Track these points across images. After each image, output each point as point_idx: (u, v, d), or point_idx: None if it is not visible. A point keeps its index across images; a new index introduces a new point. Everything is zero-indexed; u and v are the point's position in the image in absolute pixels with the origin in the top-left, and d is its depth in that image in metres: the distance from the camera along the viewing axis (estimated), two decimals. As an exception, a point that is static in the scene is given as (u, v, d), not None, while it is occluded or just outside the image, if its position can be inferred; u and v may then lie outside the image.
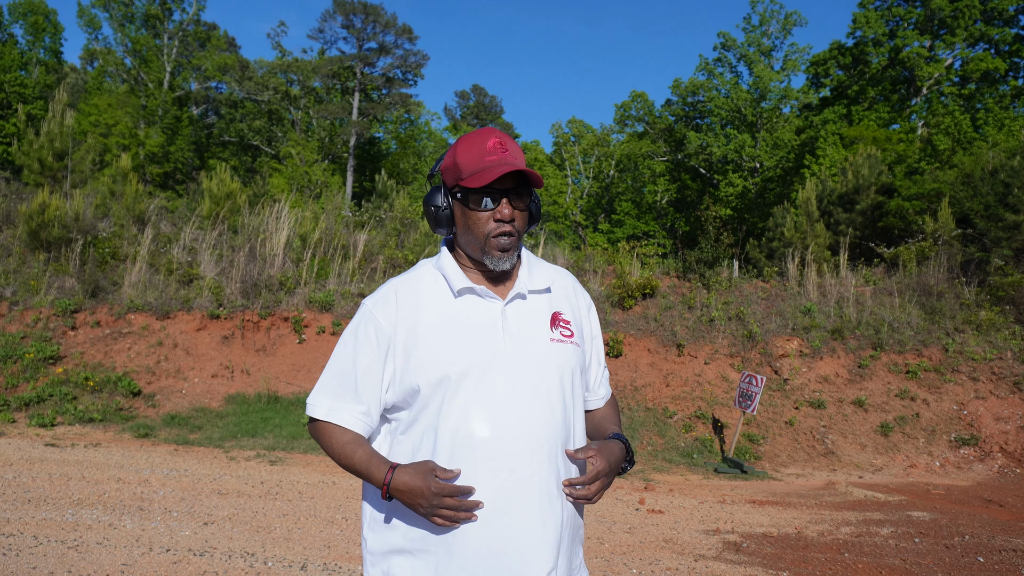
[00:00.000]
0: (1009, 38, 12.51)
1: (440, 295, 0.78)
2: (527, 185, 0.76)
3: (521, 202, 0.77)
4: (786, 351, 5.23)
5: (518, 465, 0.74)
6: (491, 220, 0.76)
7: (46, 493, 2.75)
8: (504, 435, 0.73)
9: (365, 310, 0.79)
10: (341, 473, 3.50)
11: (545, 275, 0.82)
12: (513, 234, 0.76)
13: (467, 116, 22.27)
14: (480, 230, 0.76)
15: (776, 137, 13.05)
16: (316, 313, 5.24)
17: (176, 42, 14.94)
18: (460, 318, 0.76)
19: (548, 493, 0.74)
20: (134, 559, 2.08)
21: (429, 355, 0.75)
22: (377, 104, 16.25)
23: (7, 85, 10.01)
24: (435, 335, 0.75)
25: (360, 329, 0.78)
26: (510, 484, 0.73)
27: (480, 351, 0.75)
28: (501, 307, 0.77)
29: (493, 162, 0.75)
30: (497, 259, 0.76)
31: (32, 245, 5.41)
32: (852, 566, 2.39)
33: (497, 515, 0.73)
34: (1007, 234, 5.85)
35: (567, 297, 0.82)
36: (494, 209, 0.75)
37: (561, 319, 0.80)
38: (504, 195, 0.75)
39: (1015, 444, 4.49)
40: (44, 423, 4.05)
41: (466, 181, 0.74)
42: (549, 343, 0.77)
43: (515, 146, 0.78)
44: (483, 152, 0.75)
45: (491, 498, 0.73)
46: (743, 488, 3.78)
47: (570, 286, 0.84)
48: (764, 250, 7.38)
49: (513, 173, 0.74)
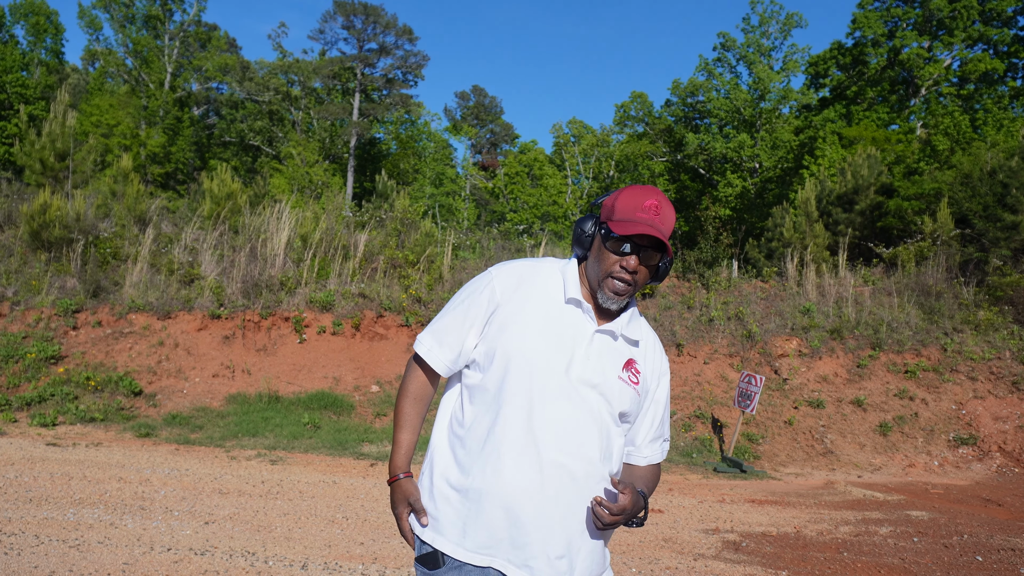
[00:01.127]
0: (1007, 39, 12.53)
1: (552, 293, 0.88)
2: (662, 249, 0.86)
3: (650, 261, 0.87)
4: (785, 351, 5.25)
5: (553, 459, 0.82)
6: (618, 263, 0.86)
7: (47, 492, 2.76)
8: (547, 428, 0.83)
9: (488, 276, 0.90)
10: (342, 472, 3.52)
11: (640, 331, 0.92)
12: (631, 284, 0.86)
13: (467, 117, 22.26)
14: (606, 267, 0.87)
15: (775, 137, 13.06)
16: (317, 313, 5.26)
17: (177, 43, 14.97)
18: (557, 320, 0.87)
19: (571, 494, 0.83)
20: (135, 558, 2.08)
21: (519, 336, 0.85)
22: (377, 105, 16.31)
23: (9, 86, 10.06)
24: (531, 322, 0.86)
25: (478, 289, 0.90)
26: (540, 474, 0.82)
27: (558, 353, 0.85)
28: (593, 331, 0.87)
29: (642, 219, 0.85)
30: (607, 298, 0.86)
31: (34, 245, 5.42)
32: (851, 565, 2.40)
33: (525, 495, 0.82)
34: (1005, 234, 5.87)
35: (648, 355, 0.92)
36: (625, 256, 0.86)
37: (634, 367, 0.89)
38: (639, 250, 0.86)
39: (1013, 443, 4.51)
40: (46, 423, 4.07)
41: (614, 224, 0.85)
42: (616, 379, 0.87)
43: (670, 213, 0.87)
44: (639, 207, 0.86)
45: (520, 480, 0.82)
46: (742, 487, 3.79)
47: (653, 348, 0.94)
48: (763, 250, 7.40)
49: (657, 239, 0.85)
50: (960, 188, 6.54)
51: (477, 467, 0.84)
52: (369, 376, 4.94)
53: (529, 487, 0.82)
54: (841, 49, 13.43)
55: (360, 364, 5.02)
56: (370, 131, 16.18)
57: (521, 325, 0.86)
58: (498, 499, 0.82)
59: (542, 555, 0.82)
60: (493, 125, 22.49)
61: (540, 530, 0.82)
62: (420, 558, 0.86)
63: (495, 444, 0.83)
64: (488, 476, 0.83)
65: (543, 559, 0.82)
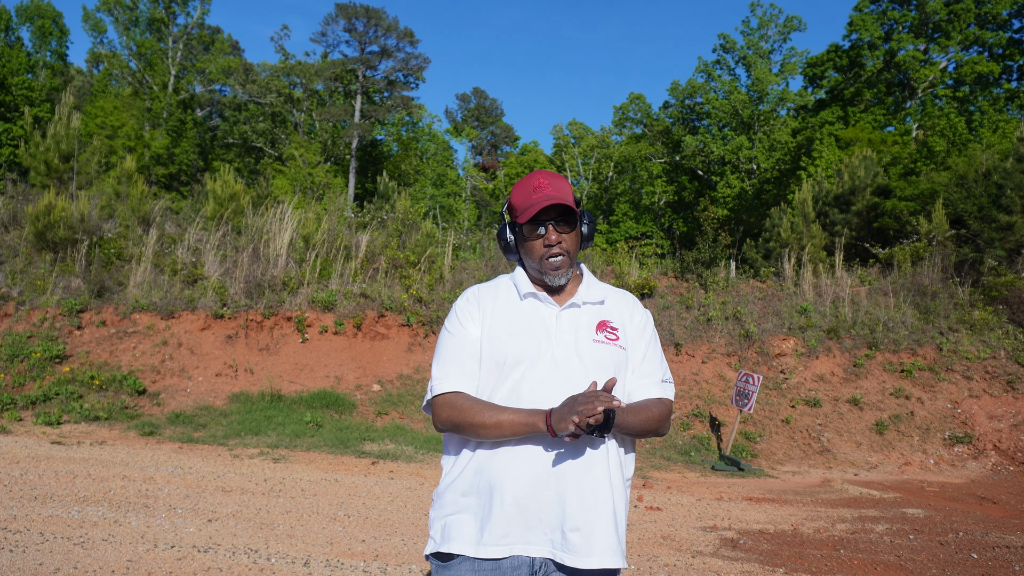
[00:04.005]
0: (1003, 42, 12.58)
1: (510, 298, 0.97)
2: (569, 212, 0.93)
3: (566, 227, 0.94)
4: (782, 350, 5.29)
5: (554, 438, 0.86)
6: (541, 244, 0.94)
7: (52, 490, 2.77)
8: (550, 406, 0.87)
9: (459, 307, 0.98)
10: (344, 470, 3.54)
11: (600, 291, 0.98)
12: (562, 254, 0.93)
13: (468, 119, 22.36)
14: (535, 254, 0.94)
15: (773, 139, 13.09)
16: (319, 313, 5.29)
17: (180, 45, 15.03)
18: (521, 315, 0.94)
19: (579, 464, 0.87)
20: (139, 555, 2.10)
21: (497, 342, 0.92)
22: (379, 107, 16.35)
23: (14, 88, 10.09)
24: (502, 325, 0.93)
25: (461, 319, 0.96)
26: (544, 452, 0.87)
27: (533, 343, 0.91)
28: (557, 312, 0.94)
29: (537, 199, 0.92)
30: (553, 276, 0.94)
31: (38, 246, 5.45)
32: (848, 562, 2.42)
33: (534, 477, 0.86)
34: (1000, 235, 5.91)
35: (619, 310, 0.98)
36: (543, 236, 0.93)
37: (609, 326, 0.95)
38: (550, 223, 0.93)
39: (1008, 442, 4.53)
40: (50, 421, 4.09)
41: (519, 218, 0.94)
42: (591, 343, 0.93)
43: (559, 182, 0.94)
44: (531, 191, 0.94)
45: (528, 464, 0.87)
46: (740, 485, 3.81)
47: (624, 302, 0.99)
48: (761, 250, 7.43)
49: (557, 204, 0.91)
50: (955, 189, 6.58)
51: (487, 466, 0.87)
52: (371, 375, 4.97)
53: (539, 472, 0.86)
54: (838, 51, 13.47)
55: (362, 363, 5.04)
56: (371, 133, 16.21)
57: (495, 332, 0.92)
58: (509, 492, 0.85)
59: (557, 530, 0.85)
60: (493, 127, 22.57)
61: (552, 507, 0.85)
62: (436, 553, 0.89)
63: (498, 442, 0.87)
64: (498, 471, 0.86)
65: (558, 533, 0.85)
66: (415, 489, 3.20)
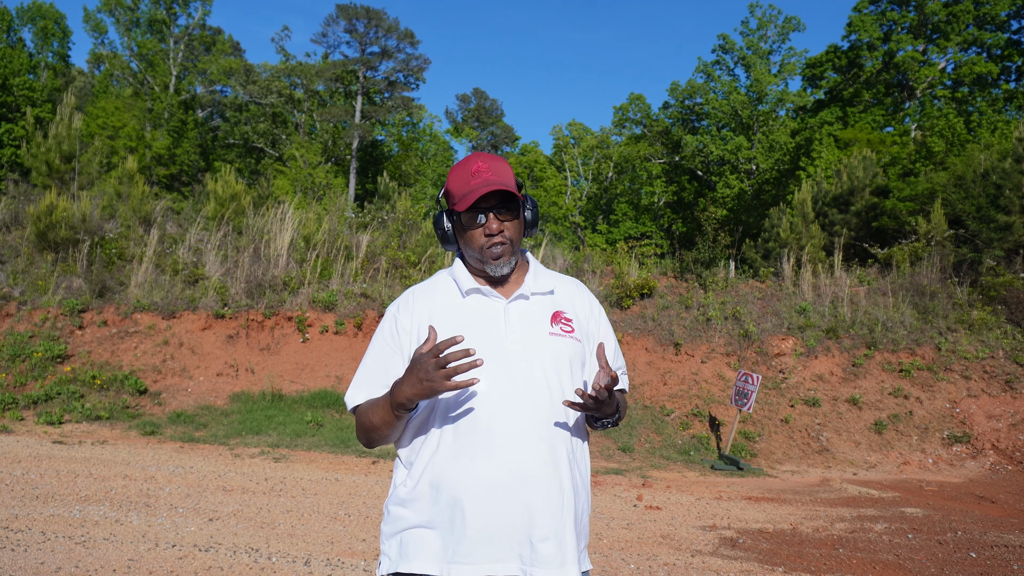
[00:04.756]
0: (1001, 42, 12.60)
1: (451, 295, 0.88)
2: (510, 198, 0.84)
3: (508, 214, 0.85)
4: (782, 350, 5.29)
5: (515, 441, 0.80)
6: (481, 234, 0.85)
7: (54, 490, 2.79)
8: (501, 414, 0.81)
9: (389, 313, 0.90)
10: (344, 470, 3.55)
11: (549, 280, 0.90)
12: (504, 243, 0.85)
13: (468, 119, 22.37)
14: (475, 244, 0.86)
15: (772, 139, 13.11)
16: (319, 313, 5.30)
17: (181, 46, 15.06)
18: (467, 314, 0.86)
19: (544, 468, 0.80)
20: (140, 555, 2.10)
21: None
22: (379, 107, 16.36)
23: (16, 88, 10.05)
24: (444, 328, 0.84)
25: (385, 329, 0.89)
26: (507, 459, 0.80)
27: (482, 341, 0.82)
28: (504, 305, 0.86)
29: (476, 185, 0.83)
30: (495, 266, 0.86)
31: (40, 246, 5.47)
32: (846, 561, 2.42)
33: (496, 486, 0.79)
34: (998, 235, 5.92)
35: (571, 300, 0.90)
36: (484, 225, 0.85)
37: (563, 317, 0.87)
38: (491, 211, 0.84)
39: (1007, 441, 4.53)
40: (52, 421, 4.11)
41: (457, 205, 0.85)
42: (547, 336, 0.85)
43: (499, 165, 0.86)
44: (468, 177, 0.84)
45: (491, 473, 0.79)
46: (739, 485, 3.82)
47: (575, 291, 0.92)
48: (760, 251, 7.47)
49: (498, 190, 0.82)
50: (954, 189, 6.59)
51: (443, 475, 0.79)
52: (370, 375, 5.00)
53: (501, 479, 0.78)
54: (837, 52, 13.47)
55: (362, 363, 5.09)
56: (372, 133, 16.16)
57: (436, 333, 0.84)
58: (469, 503, 0.77)
59: (526, 542, 0.78)
60: (494, 127, 22.54)
61: (519, 517, 0.78)
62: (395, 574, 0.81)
63: (455, 451, 0.79)
64: (455, 482, 0.79)
65: (526, 546, 0.78)
66: (415, 488, 3.20)
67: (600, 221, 15.67)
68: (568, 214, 15.49)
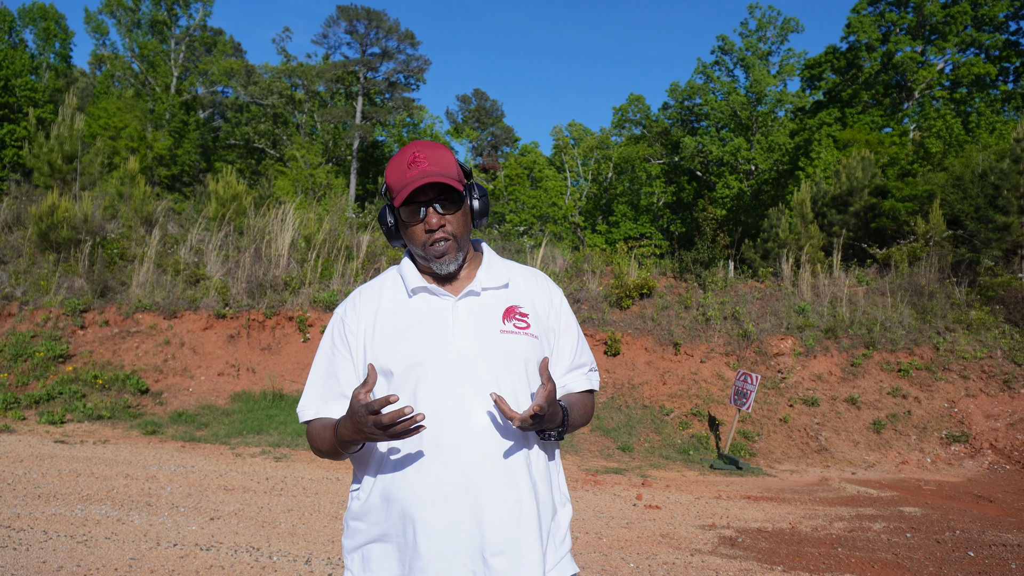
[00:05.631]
0: (999, 43, 12.64)
1: (397, 295, 0.82)
2: (449, 190, 0.77)
3: (450, 207, 0.78)
4: (780, 350, 5.30)
5: (463, 450, 0.74)
6: (422, 230, 0.78)
7: (56, 489, 2.79)
8: (448, 420, 0.75)
9: (335, 316, 0.85)
10: (345, 469, 3.56)
11: (503, 273, 0.83)
12: (447, 238, 0.78)
13: (468, 120, 22.42)
14: (418, 240, 0.79)
15: (771, 140, 13.11)
16: (320, 312, 5.32)
17: (183, 47, 15.09)
18: (413, 314, 0.80)
19: (495, 477, 0.74)
20: (142, 553, 2.11)
21: (383, 349, 0.78)
22: (380, 108, 16.39)
23: (18, 89, 10.06)
24: (388, 331, 0.79)
25: (333, 333, 0.84)
26: (454, 469, 0.74)
27: (428, 344, 0.77)
28: (453, 303, 0.79)
29: (412, 177, 0.76)
30: (439, 263, 0.79)
31: (42, 246, 5.48)
32: (845, 560, 2.43)
33: (444, 498, 0.73)
34: (997, 235, 5.94)
35: (528, 293, 0.83)
36: (424, 220, 0.78)
37: (517, 312, 0.80)
38: (429, 205, 0.78)
39: (1005, 441, 4.54)
40: (54, 420, 4.12)
41: (395, 199, 0.78)
42: (499, 334, 0.78)
43: (438, 153, 0.79)
44: (404, 169, 0.78)
45: (438, 484, 0.74)
46: (738, 484, 3.83)
47: (533, 283, 0.85)
48: (759, 251, 7.49)
49: (435, 183, 0.76)
50: (952, 190, 6.64)
51: (392, 489, 0.74)
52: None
53: (449, 491, 0.73)
54: (836, 53, 13.51)
55: (362, 363, 5.10)
56: (373, 134, 16.17)
57: (380, 337, 0.78)
58: (419, 518, 0.72)
59: (478, 557, 0.72)
60: (494, 128, 22.60)
61: (469, 531, 0.72)
62: None
63: (402, 461, 0.74)
64: (405, 496, 0.73)
65: (479, 561, 0.72)
66: (416, 487, 3.22)
67: (600, 221, 15.67)
68: (568, 214, 15.51)
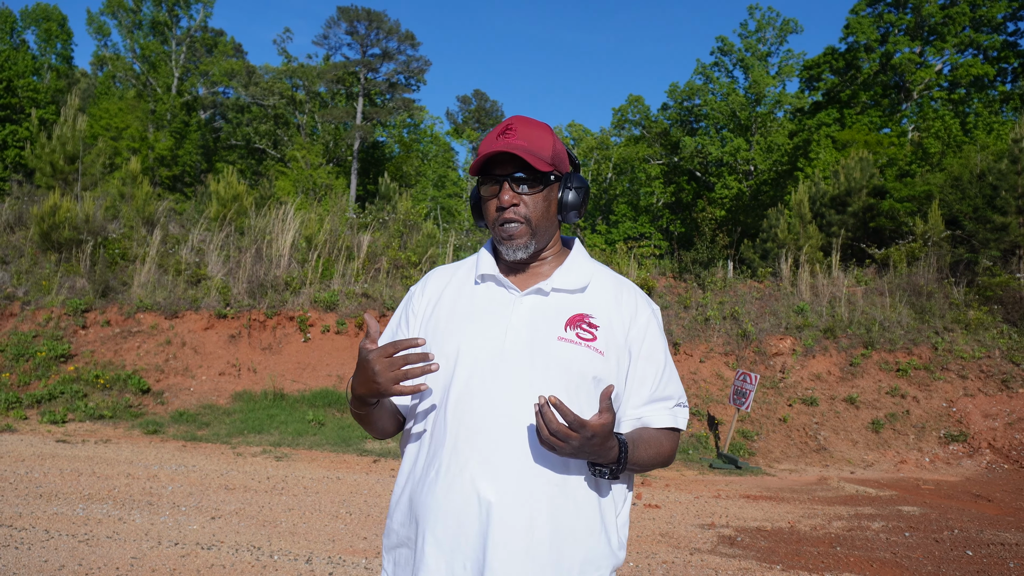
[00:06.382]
0: (997, 44, 12.65)
1: (465, 280, 0.74)
2: (531, 170, 0.68)
3: (534, 185, 0.68)
4: (780, 350, 5.32)
5: (482, 461, 0.65)
6: (494, 205, 0.70)
7: (57, 488, 2.79)
8: (474, 426, 0.67)
9: (409, 293, 0.80)
10: (345, 468, 3.56)
11: (582, 276, 0.72)
12: (518, 220, 0.69)
13: (468, 120, 22.48)
14: (488, 217, 0.71)
15: (770, 140, 13.13)
16: (321, 312, 5.33)
17: (184, 48, 15.15)
18: (471, 303, 0.72)
19: (512, 494, 0.64)
20: (143, 552, 2.11)
21: (431, 334, 0.72)
22: (380, 109, 16.38)
23: (20, 90, 10.11)
24: (442, 316, 0.72)
25: (400, 310, 0.79)
26: (470, 479, 0.65)
27: (473, 337, 0.69)
28: (516, 298, 0.70)
29: (497, 147, 0.68)
30: (507, 247, 0.70)
31: (44, 246, 5.50)
32: (844, 559, 2.43)
33: (453, 515, 0.65)
34: (995, 235, 5.95)
35: (606, 303, 0.71)
36: (497, 196, 0.69)
37: (586, 321, 0.69)
38: (505, 178, 0.68)
39: (1003, 440, 4.55)
40: (55, 420, 4.13)
41: (471, 168, 0.70)
42: (555, 341, 0.68)
43: (532, 131, 0.69)
44: (492, 139, 0.70)
45: (451, 495, 0.66)
46: (737, 483, 3.84)
47: (617, 293, 0.73)
48: (758, 251, 7.48)
49: (517, 157, 0.67)
50: (950, 190, 6.63)
51: (416, 492, 0.67)
52: (371, 375, 5.05)
53: (453, 505, 0.64)
54: (835, 54, 13.54)
55: (363, 363, 5.12)
56: (373, 134, 16.17)
57: (435, 321, 0.71)
58: (430, 529, 0.64)
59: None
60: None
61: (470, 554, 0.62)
62: None
63: (427, 462, 0.67)
64: (422, 500, 0.66)
65: None
66: (416, 486, 3.23)
67: (599, 222, 15.67)
68: (568, 215, 15.40)
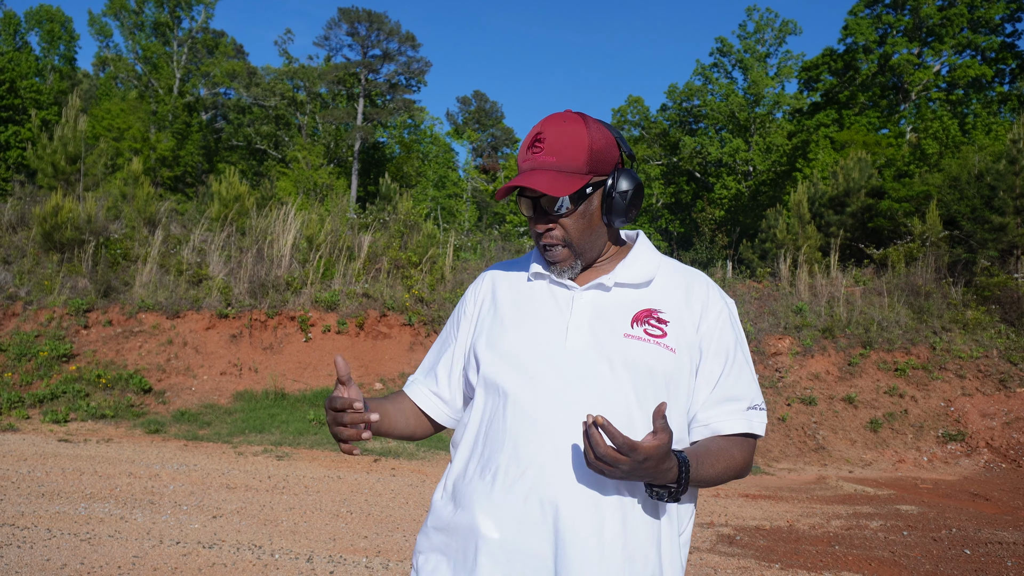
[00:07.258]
0: (995, 46, 12.68)
1: (521, 277, 0.69)
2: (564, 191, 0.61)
3: (565, 206, 0.61)
4: (778, 349, 5.35)
5: (544, 472, 0.59)
6: (534, 229, 0.65)
7: (59, 487, 2.81)
8: (538, 431, 0.61)
9: (464, 295, 0.75)
10: (346, 468, 3.57)
11: (647, 269, 0.66)
12: (558, 244, 0.63)
13: (469, 121, 22.52)
14: (533, 236, 0.66)
15: (769, 141, 13.16)
16: (322, 312, 5.35)
17: (185, 49, 15.19)
18: (528, 301, 0.67)
19: (590, 495, 0.58)
20: (145, 551, 2.11)
21: (485, 333, 0.67)
22: (381, 109, 16.41)
23: (23, 91, 10.21)
24: (496, 314, 0.67)
25: (456, 309, 0.74)
26: (531, 487, 0.59)
27: (528, 336, 0.64)
28: (575, 294, 0.65)
29: (524, 167, 0.63)
30: (553, 270, 0.65)
31: (46, 246, 5.52)
32: (842, 558, 2.43)
33: (520, 523, 0.59)
34: (993, 236, 5.95)
35: (675, 297, 0.65)
36: (533, 218, 0.64)
37: (654, 317, 0.63)
38: (535, 201, 0.63)
39: (1001, 439, 4.57)
40: (58, 419, 4.15)
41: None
42: (621, 338, 0.62)
43: (564, 137, 0.62)
44: (524, 152, 0.63)
45: (513, 505, 0.59)
46: (736, 482, 3.85)
47: (685, 285, 0.66)
48: (757, 251, 7.55)
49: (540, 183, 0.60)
50: (949, 191, 6.64)
51: (464, 495, 0.61)
52: (373, 374, 5.02)
53: (527, 510, 0.58)
54: (833, 55, 13.55)
55: (364, 362, 5.09)
56: (374, 135, 16.19)
57: (490, 319, 0.67)
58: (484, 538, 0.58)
59: None
60: (494, 129, 22.68)
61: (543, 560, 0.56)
62: None
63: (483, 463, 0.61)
64: (473, 506, 0.60)
65: None
66: (416, 486, 3.24)
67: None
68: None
